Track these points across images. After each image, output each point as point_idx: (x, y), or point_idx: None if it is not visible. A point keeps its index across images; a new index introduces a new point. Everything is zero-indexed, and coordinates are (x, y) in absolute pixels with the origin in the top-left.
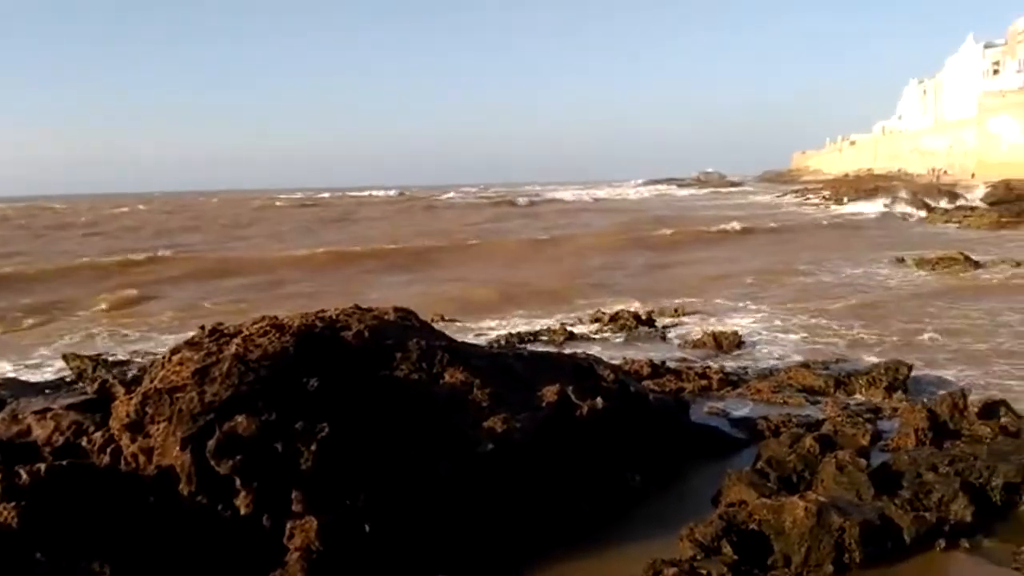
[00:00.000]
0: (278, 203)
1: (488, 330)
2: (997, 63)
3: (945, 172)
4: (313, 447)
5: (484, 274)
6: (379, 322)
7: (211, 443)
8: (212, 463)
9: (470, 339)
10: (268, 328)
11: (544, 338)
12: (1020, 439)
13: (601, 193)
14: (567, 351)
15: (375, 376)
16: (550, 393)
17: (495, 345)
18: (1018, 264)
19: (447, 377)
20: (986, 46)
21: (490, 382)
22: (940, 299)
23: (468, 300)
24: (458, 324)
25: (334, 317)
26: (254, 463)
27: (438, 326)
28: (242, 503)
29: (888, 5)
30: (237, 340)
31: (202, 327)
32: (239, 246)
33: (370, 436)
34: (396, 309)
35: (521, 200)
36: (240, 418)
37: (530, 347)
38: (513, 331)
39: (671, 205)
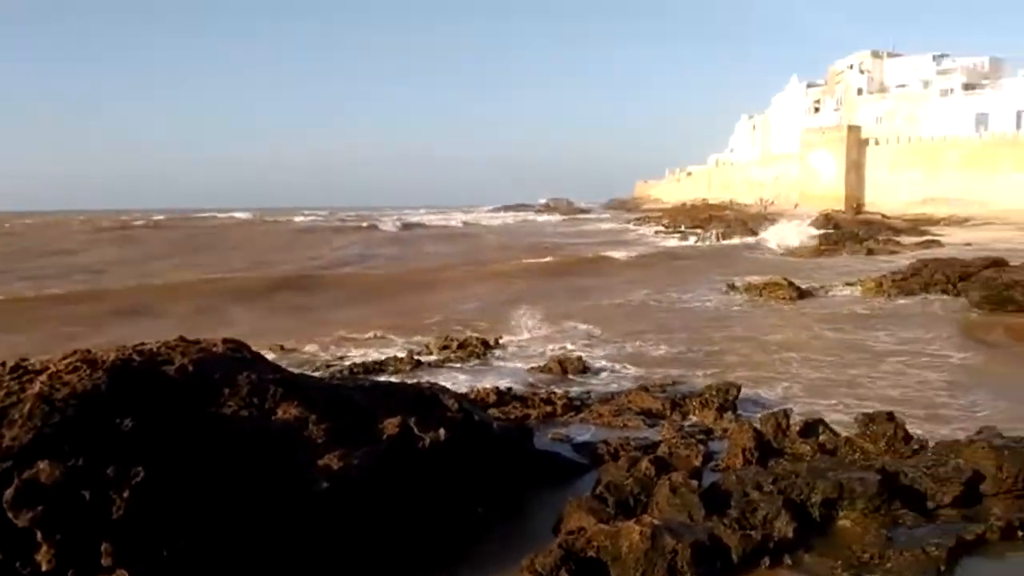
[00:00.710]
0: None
1: (337, 360)
2: (818, 102)
3: (771, 202)
4: (126, 493)
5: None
6: (205, 355)
7: (8, 493)
8: (10, 515)
9: (315, 369)
10: (79, 363)
11: (390, 368)
12: (837, 456)
13: (467, 218)
14: (415, 380)
15: (200, 414)
16: (391, 426)
17: (336, 376)
18: (836, 288)
19: (280, 412)
20: (808, 86)
21: (328, 416)
22: (766, 321)
23: (334, 326)
24: (304, 353)
25: (155, 350)
26: (58, 513)
27: (279, 355)
28: (43, 559)
29: (724, 45)
30: (42, 378)
31: (2, 363)
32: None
33: (193, 479)
34: (225, 341)
35: (389, 225)
36: (43, 464)
37: (375, 377)
38: (358, 361)
39: (542, 231)
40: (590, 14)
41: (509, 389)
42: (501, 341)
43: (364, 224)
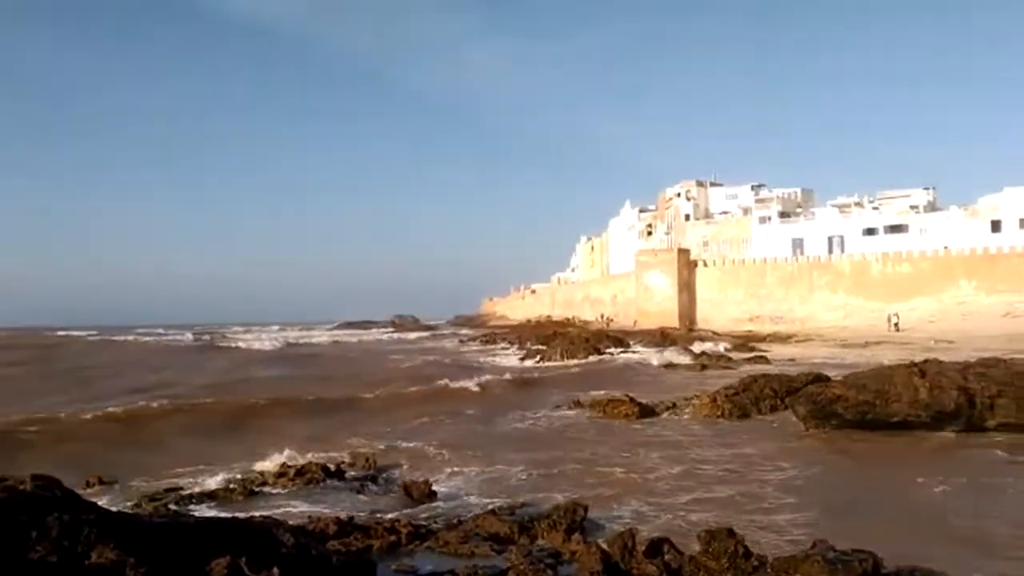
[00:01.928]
0: None
1: (164, 493)
2: (650, 225)
3: (611, 319)
4: None
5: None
6: (9, 494)
7: None
8: None
9: (136, 505)
10: None
11: (220, 497)
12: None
13: (321, 336)
14: (249, 512)
15: (3, 561)
16: (219, 567)
17: (160, 511)
18: (675, 404)
19: (95, 556)
20: (641, 210)
21: (148, 558)
22: (611, 439)
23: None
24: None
25: None
26: None
27: (97, 491)
28: None
29: (564, 168)
30: None
31: None
32: None
33: None
34: (34, 477)
35: (266, 344)
36: None
37: (203, 510)
38: (185, 492)
39: (368, 350)
40: (430, 131)
41: (351, 518)
42: (344, 468)
43: (231, 344)
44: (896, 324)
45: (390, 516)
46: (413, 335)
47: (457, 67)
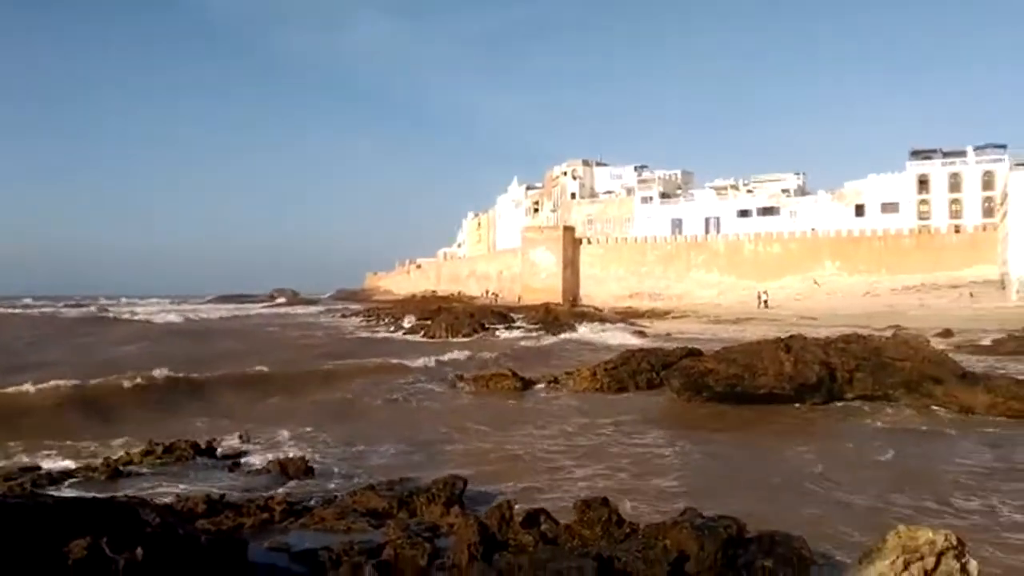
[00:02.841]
0: None
1: (19, 472)
2: (537, 203)
3: (496, 295)
4: None
5: None
6: None
7: None
8: None
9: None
10: None
11: (79, 477)
12: (558, 545)
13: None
14: (113, 493)
15: None
16: (78, 548)
17: (15, 491)
18: (556, 379)
19: None
20: (528, 188)
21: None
22: (492, 414)
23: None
24: None
25: None
26: None
27: None
28: None
29: (452, 142)
30: None
31: None
32: None
33: None
34: None
35: (171, 317)
36: None
37: (61, 490)
38: (43, 471)
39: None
40: (312, 102)
41: (222, 496)
42: (216, 445)
43: (131, 316)
44: (765, 302)
45: (264, 494)
46: (296, 309)
47: (342, 37)
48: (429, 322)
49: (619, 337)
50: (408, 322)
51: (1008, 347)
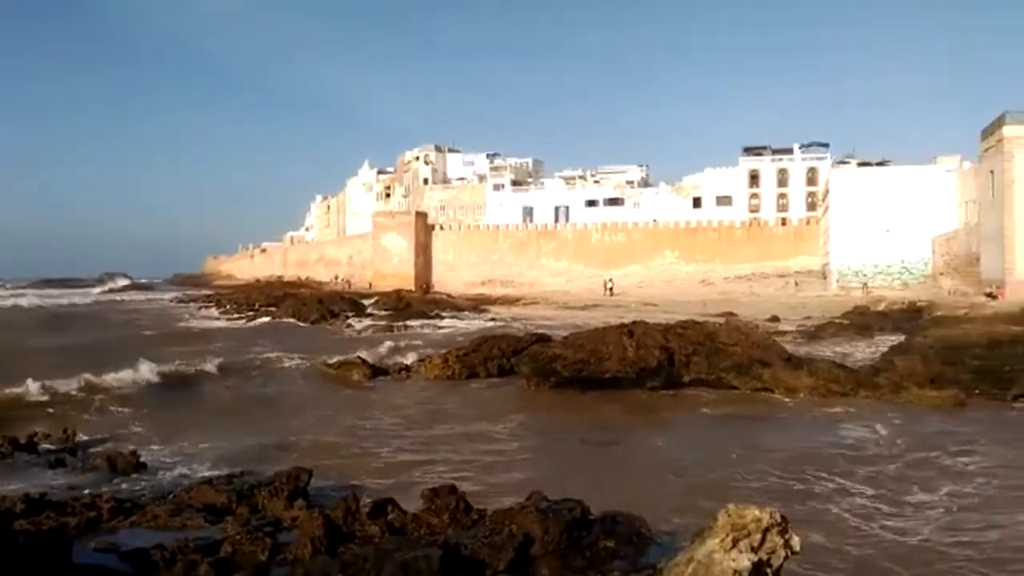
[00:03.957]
0: None
1: None
2: (389, 187)
3: (346, 281)
4: None
5: None
6: None
7: None
8: None
9: None
10: None
11: None
12: (405, 534)
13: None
14: None
15: None
16: None
17: None
18: (407, 366)
19: None
20: (380, 172)
21: None
22: (341, 402)
23: None
24: None
25: None
26: None
27: None
28: None
29: (302, 124)
30: None
31: None
32: None
33: None
34: None
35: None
36: None
37: None
38: None
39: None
40: (146, 74)
41: (42, 495)
42: (37, 441)
43: None
44: (611, 289)
45: (91, 492)
46: (138, 295)
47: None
48: (274, 308)
49: (470, 324)
50: (251, 308)
51: (828, 332)
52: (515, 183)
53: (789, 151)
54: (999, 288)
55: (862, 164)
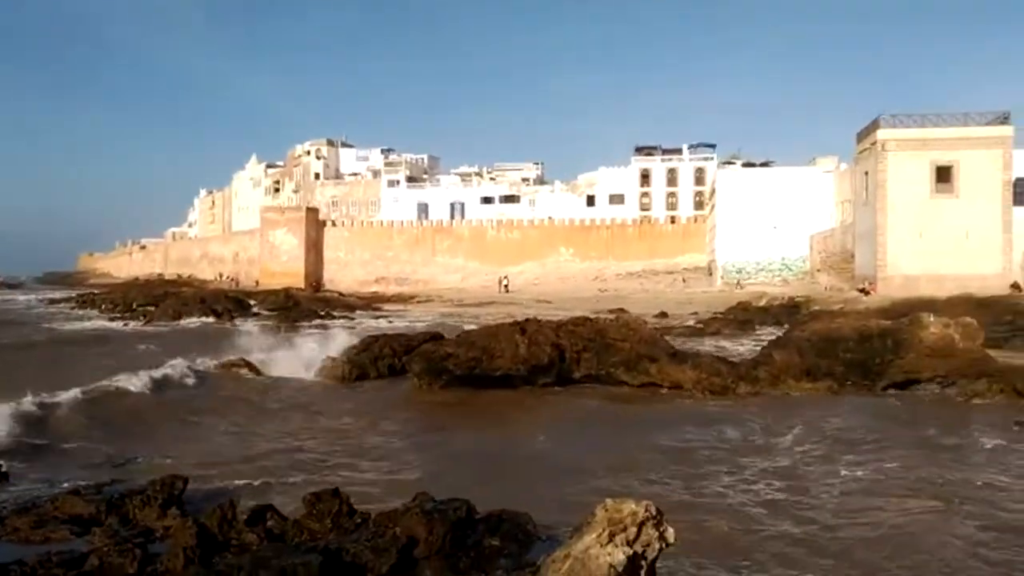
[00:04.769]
0: None
1: None
2: (278, 182)
3: (234, 279)
4: None
5: None
6: None
7: None
8: None
9: None
10: None
11: None
12: (285, 541)
13: None
14: None
15: None
16: None
17: None
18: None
19: None
20: (268, 166)
21: None
22: (224, 405)
23: None
24: None
25: None
26: None
27: None
28: None
29: (185, 116)
30: None
31: None
32: None
33: None
34: None
35: None
36: None
37: None
38: None
39: None
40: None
41: None
42: None
43: None
44: (506, 286)
45: None
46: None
47: None
48: (154, 308)
49: (362, 322)
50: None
51: (713, 327)
52: (410, 179)
53: (678, 151)
54: (871, 284)
55: (746, 165)
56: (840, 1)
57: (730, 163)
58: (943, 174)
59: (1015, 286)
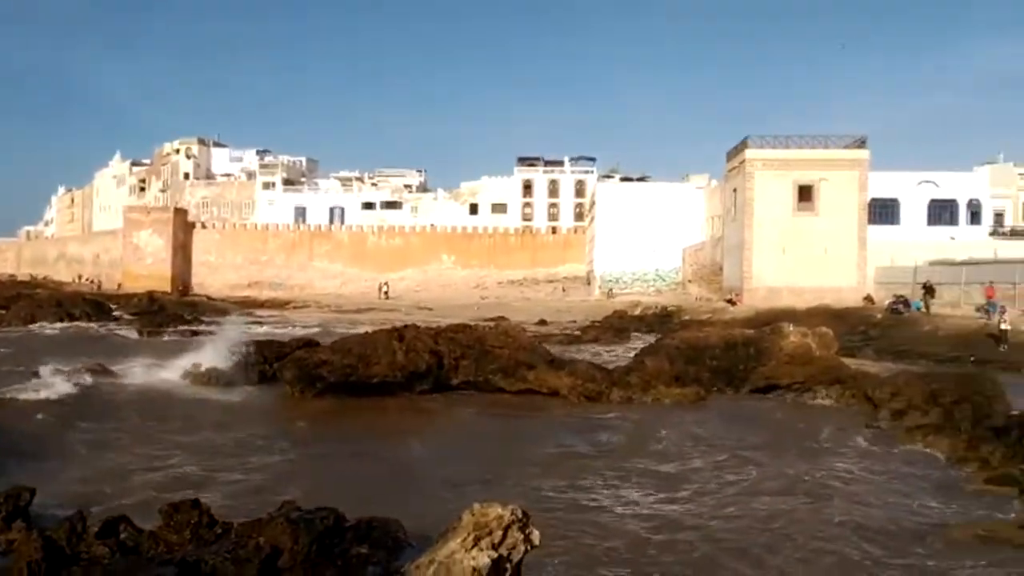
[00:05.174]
0: None
1: None
2: (144, 181)
3: (92, 281)
4: None
5: None
6: None
7: None
8: None
9: None
10: None
11: None
12: (140, 554)
13: None
14: None
15: None
16: None
17: None
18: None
19: None
20: (134, 164)
21: None
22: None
23: None
24: None
25: None
26: None
27: None
28: None
29: (41, 110)
30: None
31: None
32: None
33: None
34: None
35: None
36: None
37: None
38: None
39: None
40: None
41: None
42: None
43: None
44: (386, 292)
45: None
46: None
47: None
48: (4, 311)
49: (232, 328)
50: None
51: (591, 334)
52: (287, 182)
53: (560, 163)
54: (737, 295)
55: (624, 179)
56: (716, 24)
57: (609, 177)
58: (805, 193)
59: (868, 299)
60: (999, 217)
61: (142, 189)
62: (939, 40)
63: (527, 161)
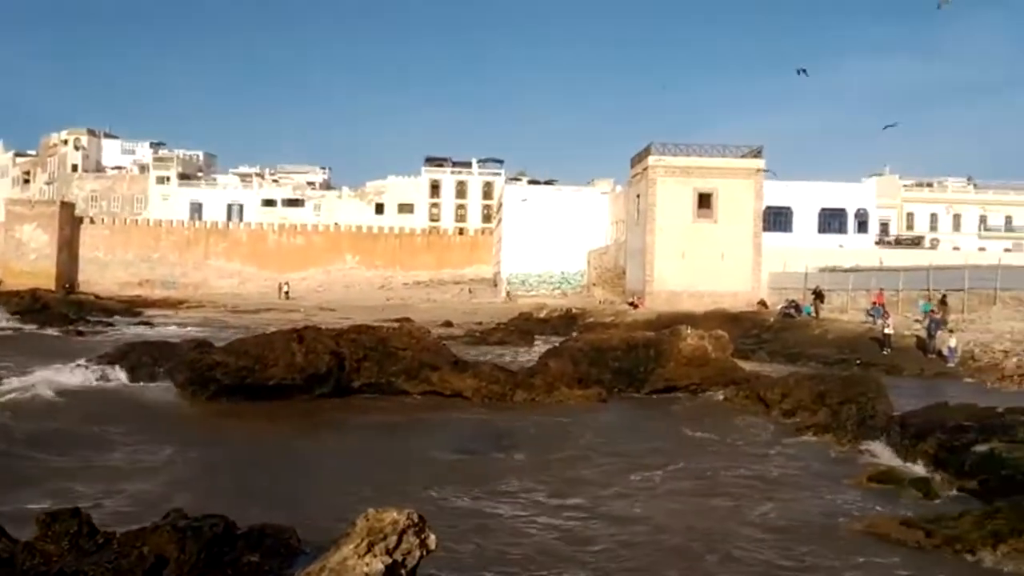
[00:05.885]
0: None
1: None
2: (29, 172)
3: None
4: None
5: None
6: None
7: None
8: None
9: None
10: None
11: None
12: (14, 566)
13: None
14: None
15: None
16: None
17: None
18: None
19: None
20: (17, 154)
21: None
22: None
23: None
24: None
25: None
26: None
27: None
28: None
29: None
30: None
31: None
32: None
33: None
34: None
35: None
36: None
37: None
38: None
39: None
40: None
41: None
42: None
43: None
44: (287, 292)
45: None
46: None
47: None
48: None
49: (121, 328)
50: None
51: (496, 336)
52: (183, 177)
53: (468, 165)
54: (639, 298)
55: (532, 182)
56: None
57: (516, 180)
58: (704, 200)
59: (762, 303)
60: (884, 226)
61: (26, 181)
62: (830, 61)
63: (435, 161)
